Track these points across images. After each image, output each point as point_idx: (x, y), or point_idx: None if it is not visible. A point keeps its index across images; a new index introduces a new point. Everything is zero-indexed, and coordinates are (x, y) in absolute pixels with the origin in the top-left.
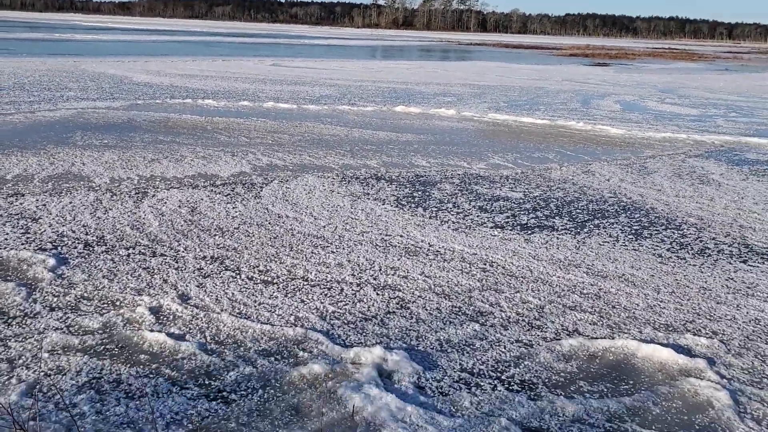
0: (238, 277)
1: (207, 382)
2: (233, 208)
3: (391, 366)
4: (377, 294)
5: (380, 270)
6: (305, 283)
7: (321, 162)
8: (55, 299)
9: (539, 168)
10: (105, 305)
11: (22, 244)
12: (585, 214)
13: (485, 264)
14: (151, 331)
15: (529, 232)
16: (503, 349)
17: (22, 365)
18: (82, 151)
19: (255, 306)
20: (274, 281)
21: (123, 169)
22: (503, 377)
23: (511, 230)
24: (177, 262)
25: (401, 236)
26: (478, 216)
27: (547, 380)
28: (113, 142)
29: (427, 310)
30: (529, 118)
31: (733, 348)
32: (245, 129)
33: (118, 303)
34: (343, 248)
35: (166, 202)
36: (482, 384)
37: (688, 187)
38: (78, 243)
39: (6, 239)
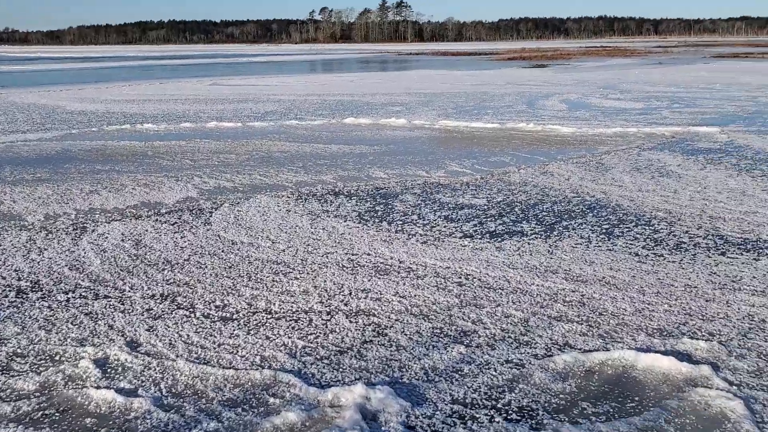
0: (192, 315)
1: None
2: (181, 237)
3: (375, 405)
4: (350, 322)
5: (350, 294)
6: (269, 316)
7: (273, 181)
8: None
9: (497, 172)
10: (42, 361)
11: None
12: (552, 216)
13: (460, 277)
14: (98, 387)
15: (500, 239)
16: (494, 373)
17: None
18: (12, 188)
19: (214, 348)
20: (234, 317)
21: (59, 204)
22: (499, 405)
23: (480, 239)
24: (123, 304)
25: (368, 254)
26: (445, 226)
27: (546, 405)
28: (47, 175)
29: (406, 335)
30: (479, 122)
31: (734, 350)
32: (188, 151)
33: (57, 357)
34: (307, 273)
35: (107, 237)
36: (478, 416)
37: (649, 181)
38: (9, 291)
39: None
